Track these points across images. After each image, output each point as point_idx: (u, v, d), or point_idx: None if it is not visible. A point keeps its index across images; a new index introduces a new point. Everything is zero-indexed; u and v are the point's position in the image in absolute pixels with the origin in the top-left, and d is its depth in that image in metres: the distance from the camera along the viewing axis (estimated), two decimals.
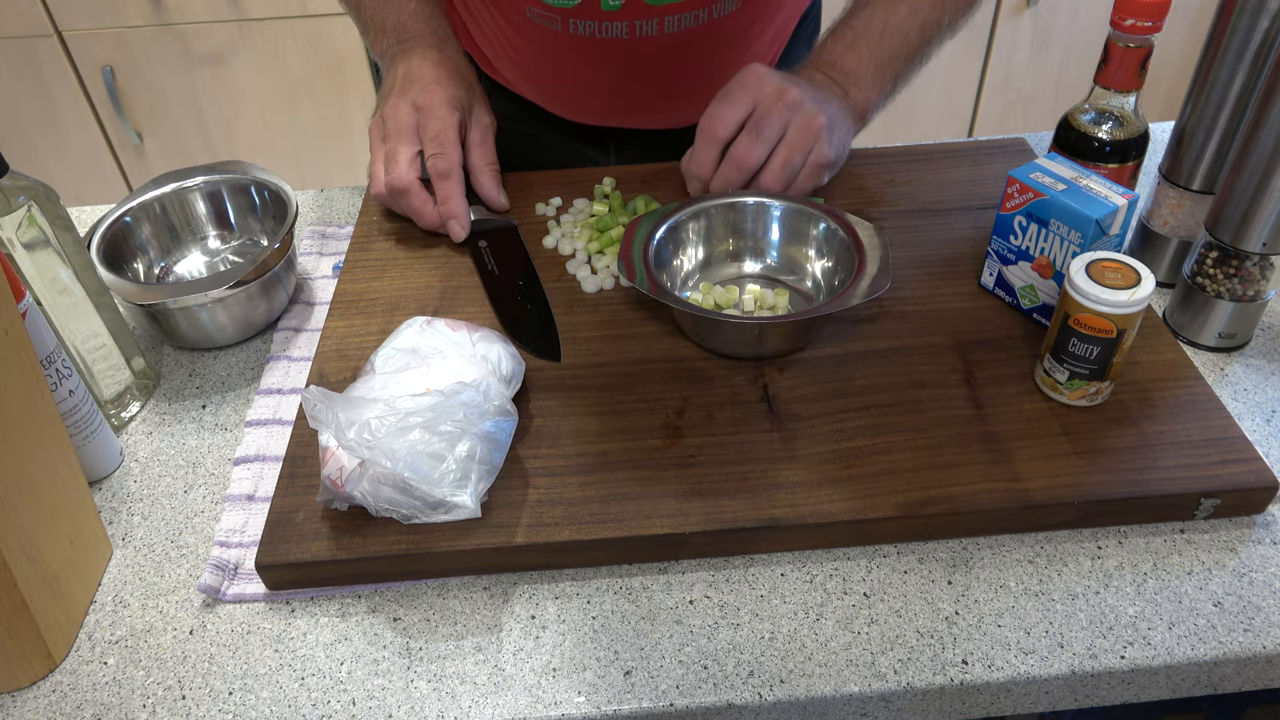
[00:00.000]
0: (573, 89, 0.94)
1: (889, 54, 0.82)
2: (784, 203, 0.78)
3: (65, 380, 0.63)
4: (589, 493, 0.62)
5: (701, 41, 0.88)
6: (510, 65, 0.95)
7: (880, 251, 0.72)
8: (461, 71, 0.86)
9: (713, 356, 0.72)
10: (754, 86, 0.78)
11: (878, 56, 0.82)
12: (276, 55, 1.89)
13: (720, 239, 0.79)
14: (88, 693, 0.57)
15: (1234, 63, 0.70)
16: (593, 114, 0.96)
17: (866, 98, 0.83)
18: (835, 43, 0.84)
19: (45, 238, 0.65)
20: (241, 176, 0.85)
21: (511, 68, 0.95)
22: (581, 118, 0.97)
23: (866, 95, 0.83)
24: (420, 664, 0.57)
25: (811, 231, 0.77)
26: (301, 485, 0.64)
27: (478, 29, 0.95)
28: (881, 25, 0.82)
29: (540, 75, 0.94)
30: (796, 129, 0.77)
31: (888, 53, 0.82)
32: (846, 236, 0.74)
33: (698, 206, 0.78)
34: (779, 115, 0.77)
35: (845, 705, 0.56)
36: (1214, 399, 0.67)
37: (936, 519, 0.61)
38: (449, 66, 0.85)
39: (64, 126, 1.94)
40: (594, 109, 0.96)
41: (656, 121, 0.97)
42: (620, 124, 0.97)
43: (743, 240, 0.79)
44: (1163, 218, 0.79)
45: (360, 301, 0.78)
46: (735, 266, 0.80)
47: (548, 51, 0.90)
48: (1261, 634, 0.57)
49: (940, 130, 2.12)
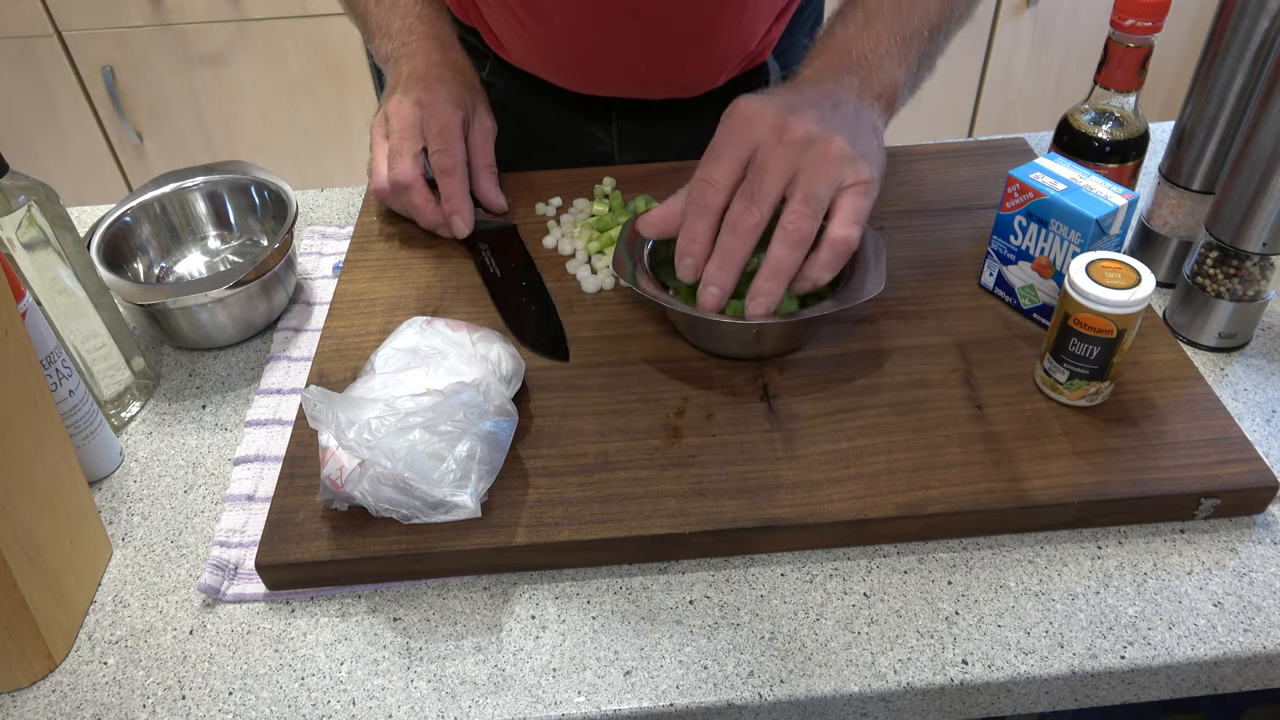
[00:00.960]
0: (572, 53, 0.92)
1: (911, 29, 0.71)
2: None
3: (65, 380, 0.63)
4: (589, 493, 0.62)
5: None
6: (513, 35, 0.94)
7: (877, 250, 0.71)
8: (465, 73, 0.86)
9: (712, 357, 0.72)
10: (743, 130, 0.65)
11: (898, 32, 0.71)
12: (276, 55, 1.89)
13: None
14: (88, 693, 0.57)
15: (1234, 63, 0.70)
16: (593, 82, 0.94)
17: (893, 79, 0.71)
18: (845, 25, 0.73)
19: (45, 238, 0.65)
20: (241, 176, 0.85)
21: (514, 38, 0.94)
22: (582, 86, 0.95)
23: (892, 76, 0.70)
24: (420, 664, 0.57)
25: None
26: (301, 485, 0.64)
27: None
28: (895, 1, 0.72)
29: (540, 41, 0.93)
30: (810, 170, 0.63)
31: (909, 28, 0.71)
32: None
33: None
34: (781, 161, 0.63)
35: (845, 705, 0.56)
36: (1214, 399, 0.67)
37: (936, 519, 0.61)
38: (453, 67, 0.85)
39: (64, 126, 1.94)
40: (593, 76, 0.93)
41: (656, 90, 0.95)
42: (620, 93, 0.95)
43: None
44: (1163, 218, 0.79)
45: (360, 301, 0.78)
46: None
47: (546, 12, 0.89)
48: (1261, 634, 0.57)
49: (940, 130, 2.12)
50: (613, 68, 0.92)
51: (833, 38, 0.74)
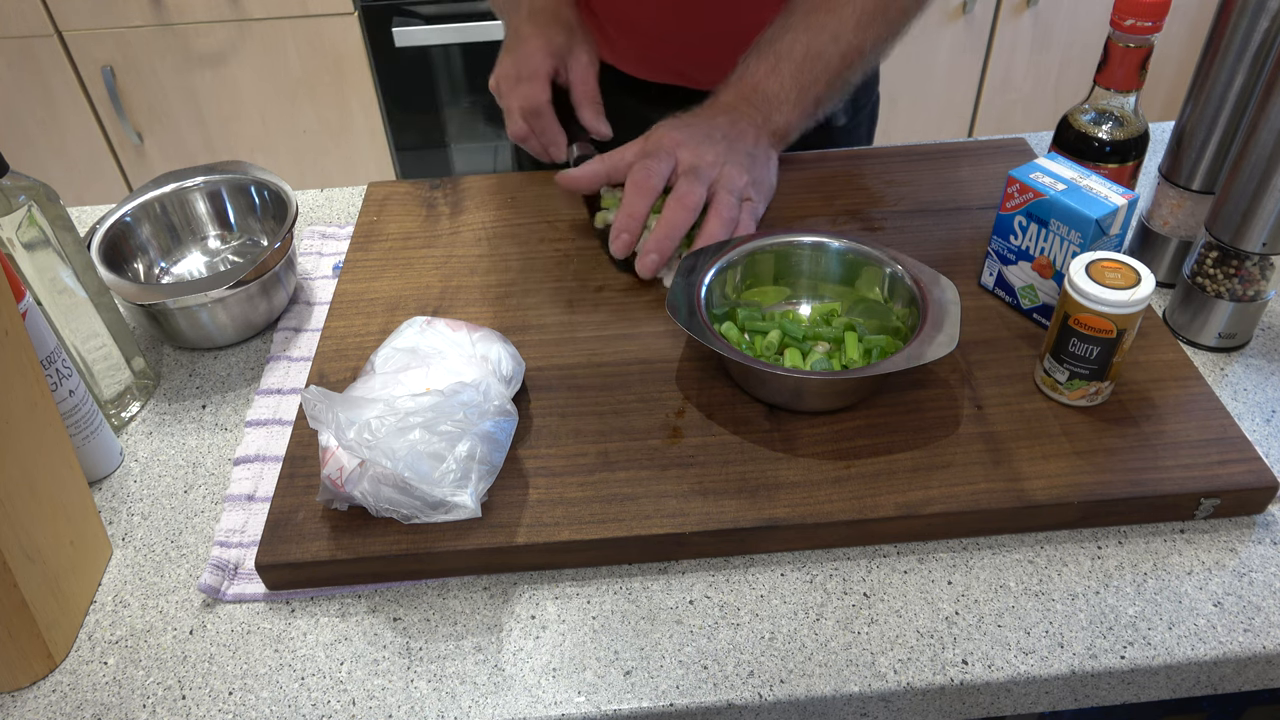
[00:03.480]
0: (633, 36, 0.98)
1: (810, 78, 0.83)
2: (845, 243, 0.73)
3: (65, 380, 0.63)
4: (589, 493, 0.62)
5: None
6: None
7: (951, 305, 0.67)
8: (560, 16, 0.90)
9: (711, 357, 0.72)
10: (669, 144, 0.79)
11: (800, 80, 0.83)
12: (276, 55, 1.89)
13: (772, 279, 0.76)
14: (88, 693, 0.57)
15: (1234, 63, 0.70)
16: (654, 69, 1.00)
17: (788, 121, 0.84)
18: (759, 64, 0.84)
19: (45, 238, 0.65)
20: (241, 176, 0.85)
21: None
22: (644, 73, 1.01)
23: (788, 118, 0.84)
24: (420, 664, 0.57)
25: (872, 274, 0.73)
26: (301, 485, 0.64)
27: None
28: (804, 50, 0.83)
29: (605, 25, 0.99)
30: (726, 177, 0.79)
31: (809, 77, 0.83)
32: (913, 287, 0.69)
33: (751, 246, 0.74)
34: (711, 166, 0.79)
35: (845, 705, 0.56)
36: (1214, 399, 0.67)
37: (936, 519, 0.61)
38: (546, 14, 0.90)
39: (64, 126, 1.94)
40: (643, 62, 1.00)
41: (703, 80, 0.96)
42: (679, 81, 0.99)
43: (799, 279, 0.76)
44: (1163, 218, 0.79)
45: (360, 301, 0.78)
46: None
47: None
48: (1261, 634, 0.57)
49: (940, 130, 2.12)
50: (662, 54, 1.00)
51: (747, 73, 0.85)
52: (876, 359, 0.68)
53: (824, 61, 0.83)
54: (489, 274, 0.81)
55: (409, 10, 1.85)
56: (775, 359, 0.69)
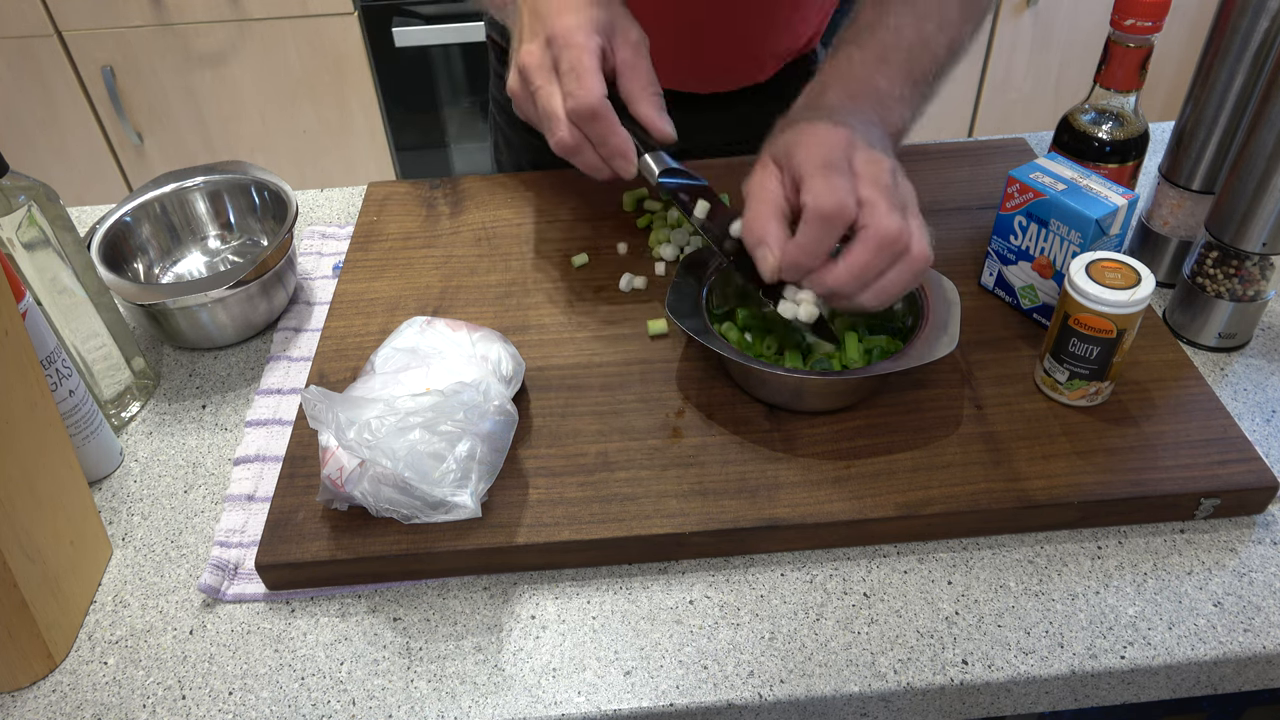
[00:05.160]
0: None
1: (920, 71, 0.72)
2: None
3: (65, 380, 0.63)
4: (589, 493, 0.62)
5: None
6: None
7: (953, 310, 0.66)
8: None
9: (711, 357, 0.72)
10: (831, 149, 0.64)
11: (911, 74, 0.72)
12: (276, 55, 1.89)
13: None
14: (88, 693, 0.57)
15: (1234, 63, 0.70)
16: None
17: (903, 119, 0.72)
18: (863, 60, 0.72)
19: (45, 238, 0.65)
20: (241, 176, 0.85)
21: None
22: None
23: (902, 116, 0.72)
24: (420, 664, 0.57)
25: None
26: (301, 485, 0.64)
27: None
28: (912, 37, 0.72)
29: None
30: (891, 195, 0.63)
31: (920, 70, 0.72)
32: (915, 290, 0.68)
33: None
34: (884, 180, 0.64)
35: (845, 705, 0.56)
36: (1214, 399, 0.67)
37: (936, 519, 0.61)
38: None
39: (64, 126, 1.94)
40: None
41: (704, 84, 0.93)
42: (677, 87, 0.89)
43: None
44: (1163, 218, 0.79)
45: (360, 301, 0.78)
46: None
47: None
48: (1261, 634, 0.57)
49: (940, 130, 2.12)
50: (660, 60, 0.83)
51: (851, 68, 0.72)
52: (876, 359, 0.68)
53: (931, 52, 0.72)
54: (489, 274, 0.81)
55: (409, 10, 1.85)
56: (775, 359, 0.70)
